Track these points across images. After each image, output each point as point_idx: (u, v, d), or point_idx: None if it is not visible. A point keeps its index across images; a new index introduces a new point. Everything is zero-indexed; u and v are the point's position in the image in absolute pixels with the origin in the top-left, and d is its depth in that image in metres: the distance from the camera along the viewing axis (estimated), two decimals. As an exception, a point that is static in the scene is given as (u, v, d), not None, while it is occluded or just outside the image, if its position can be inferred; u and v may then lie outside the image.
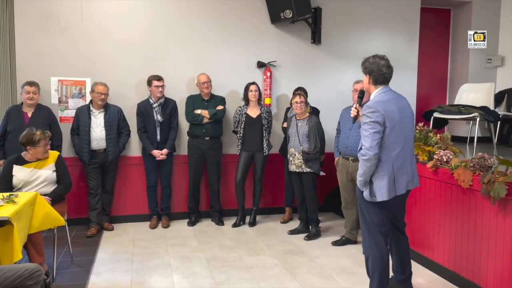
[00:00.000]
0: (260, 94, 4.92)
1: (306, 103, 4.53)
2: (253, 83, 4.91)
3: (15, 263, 2.65)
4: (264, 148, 4.88)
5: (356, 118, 3.11)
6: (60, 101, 4.86)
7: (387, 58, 2.95)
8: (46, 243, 3.50)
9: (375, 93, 2.92)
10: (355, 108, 3.08)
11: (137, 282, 3.46)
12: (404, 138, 2.88)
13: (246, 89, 4.89)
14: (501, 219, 2.99)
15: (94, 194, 4.71)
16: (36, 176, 3.56)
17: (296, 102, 4.44)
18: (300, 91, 4.64)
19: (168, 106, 4.88)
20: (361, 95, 3.15)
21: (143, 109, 4.82)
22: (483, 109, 4.44)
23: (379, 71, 2.87)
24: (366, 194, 2.88)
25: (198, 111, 4.86)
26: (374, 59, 2.90)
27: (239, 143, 4.92)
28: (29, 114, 4.42)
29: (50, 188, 3.60)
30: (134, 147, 5.07)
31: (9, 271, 2.37)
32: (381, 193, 2.81)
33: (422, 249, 3.82)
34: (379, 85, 2.91)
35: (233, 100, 5.18)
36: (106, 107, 4.67)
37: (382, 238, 2.97)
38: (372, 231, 2.95)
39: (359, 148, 2.90)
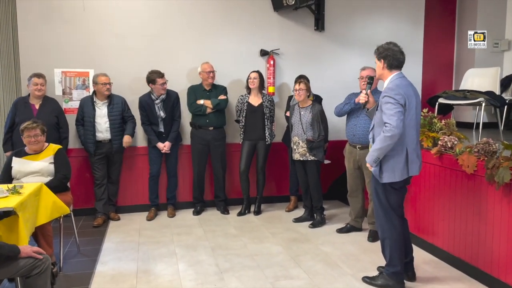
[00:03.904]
0: (261, 82, 4.88)
1: (308, 91, 4.49)
2: (256, 71, 4.88)
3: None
4: (267, 137, 4.87)
5: (365, 104, 3.18)
6: (64, 93, 4.88)
7: (399, 46, 3.03)
8: (53, 233, 3.53)
9: (391, 78, 2.98)
10: (365, 94, 3.15)
11: (143, 270, 3.49)
12: (417, 123, 3.00)
13: (247, 77, 4.87)
14: (506, 204, 2.97)
15: (100, 185, 4.75)
16: (28, 167, 3.54)
17: (296, 90, 4.42)
18: (301, 79, 4.61)
19: (170, 99, 4.85)
20: (371, 81, 3.24)
21: (145, 104, 4.79)
22: (489, 94, 4.37)
23: (394, 55, 2.96)
24: (380, 175, 2.96)
25: (201, 102, 4.85)
26: (388, 45, 2.99)
27: (241, 132, 4.92)
28: (37, 106, 4.44)
29: (44, 179, 3.52)
30: (140, 138, 5.09)
31: (15, 260, 2.39)
32: (396, 174, 2.93)
33: (427, 235, 3.81)
34: (394, 70, 2.98)
35: (236, 89, 5.15)
36: (110, 98, 4.68)
37: (398, 220, 3.08)
38: (389, 214, 3.06)
39: (370, 130, 3.05)
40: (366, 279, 3.24)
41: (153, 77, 4.71)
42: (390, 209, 3.06)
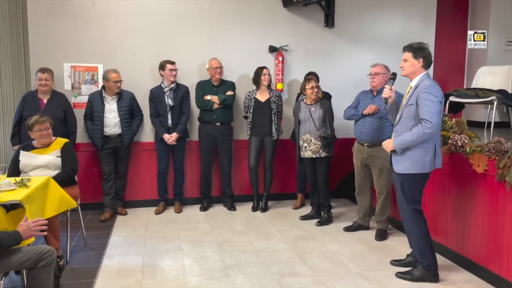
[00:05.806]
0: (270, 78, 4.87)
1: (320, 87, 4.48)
2: (265, 67, 4.87)
3: (27, 245, 2.69)
4: (273, 133, 4.85)
5: (388, 99, 3.24)
6: (73, 87, 4.90)
7: None
8: (60, 227, 3.55)
9: (422, 76, 3.05)
10: (390, 89, 3.20)
11: (149, 265, 3.50)
12: None
13: (258, 73, 4.84)
14: (517, 205, 2.92)
15: (108, 179, 4.77)
16: (36, 160, 3.55)
17: (313, 87, 4.38)
18: (313, 76, 4.58)
19: (180, 91, 4.87)
20: (394, 77, 3.27)
21: (156, 94, 4.83)
22: (501, 92, 4.30)
23: (430, 56, 3.07)
24: (403, 164, 3.05)
25: (208, 97, 4.85)
26: (423, 45, 3.06)
27: (248, 128, 4.91)
28: (45, 101, 4.46)
29: (51, 173, 3.53)
30: (147, 133, 5.10)
31: (21, 252, 2.41)
32: (426, 166, 3.03)
33: (436, 234, 3.76)
34: (426, 69, 3.07)
35: (245, 85, 5.12)
36: (120, 93, 4.69)
37: (422, 212, 3.20)
38: (417, 208, 3.15)
39: (395, 124, 3.16)
40: (400, 275, 3.23)
41: (163, 63, 4.78)
42: (416, 202, 3.13)
